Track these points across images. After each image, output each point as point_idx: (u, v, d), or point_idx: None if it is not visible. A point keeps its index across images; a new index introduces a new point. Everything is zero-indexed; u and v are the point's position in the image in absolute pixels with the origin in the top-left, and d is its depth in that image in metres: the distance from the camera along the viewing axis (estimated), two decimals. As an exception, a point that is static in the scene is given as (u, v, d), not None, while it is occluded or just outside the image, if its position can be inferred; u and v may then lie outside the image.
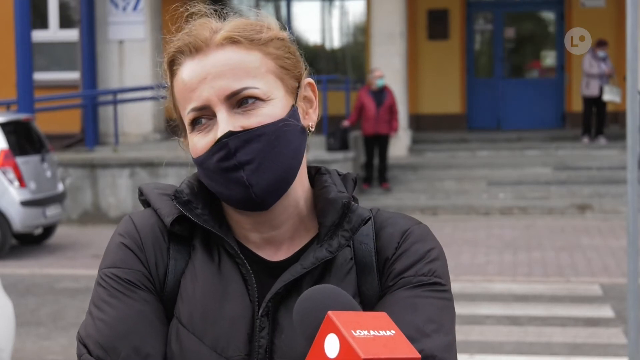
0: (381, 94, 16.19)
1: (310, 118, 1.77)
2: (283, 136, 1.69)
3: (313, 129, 1.78)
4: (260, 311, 1.69)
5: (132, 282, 1.70)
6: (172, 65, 1.75)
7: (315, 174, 1.81)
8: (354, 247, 1.75)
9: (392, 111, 16.24)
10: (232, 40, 1.71)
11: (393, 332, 1.42)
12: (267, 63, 1.71)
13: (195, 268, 1.72)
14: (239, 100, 1.69)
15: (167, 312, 1.72)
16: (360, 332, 1.40)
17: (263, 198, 1.68)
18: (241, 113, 1.68)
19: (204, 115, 1.70)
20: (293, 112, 1.72)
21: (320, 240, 1.72)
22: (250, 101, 1.69)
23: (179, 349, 1.68)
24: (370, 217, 1.75)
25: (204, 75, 1.69)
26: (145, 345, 1.67)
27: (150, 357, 1.67)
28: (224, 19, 1.76)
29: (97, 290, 1.72)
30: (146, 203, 1.80)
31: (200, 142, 1.70)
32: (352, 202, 1.75)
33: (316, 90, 1.80)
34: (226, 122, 1.67)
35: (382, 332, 1.41)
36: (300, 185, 1.75)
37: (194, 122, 1.71)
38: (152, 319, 1.69)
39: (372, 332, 1.41)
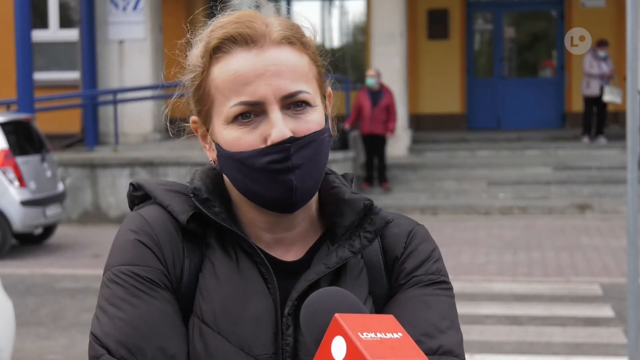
0: (378, 94, 16.19)
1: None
2: (324, 145, 1.71)
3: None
4: (287, 310, 1.68)
5: (153, 280, 1.66)
6: (217, 51, 1.69)
7: None
8: None
9: (389, 112, 16.22)
10: (289, 40, 1.69)
11: (400, 334, 1.42)
12: (312, 69, 1.73)
13: (214, 266, 1.70)
14: (292, 103, 1.67)
15: (182, 310, 1.69)
16: (367, 335, 1.39)
17: (299, 201, 1.69)
18: (291, 115, 1.67)
19: (252, 111, 1.67)
20: (328, 121, 1.75)
21: (337, 240, 1.73)
22: (302, 105, 1.68)
23: (204, 349, 1.66)
24: (392, 220, 1.77)
25: (262, 71, 1.66)
26: (170, 345, 1.64)
27: (177, 358, 1.64)
28: (268, 13, 1.74)
29: (112, 288, 1.66)
30: (140, 199, 1.76)
31: (244, 137, 1.67)
32: (374, 204, 1.76)
33: (332, 100, 1.82)
34: (282, 123, 1.65)
35: (389, 335, 1.41)
36: None
37: (238, 116, 1.67)
38: (174, 319, 1.66)
39: (379, 335, 1.40)
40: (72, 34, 18.76)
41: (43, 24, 19.41)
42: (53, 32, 19.46)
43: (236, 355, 1.65)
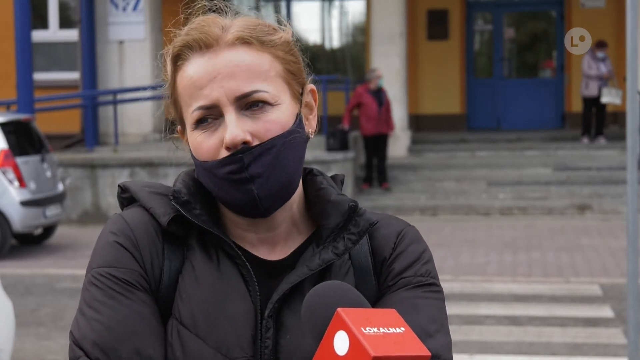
0: (380, 94, 16.22)
1: (310, 124, 1.77)
2: (290, 147, 1.68)
3: (313, 136, 1.77)
4: (267, 312, 1.67)
5: (130, 282, 1.66)
6: (177, 60, 1.72)
7: (306, 175, 1.79)
8: None
9: (388, 110, 16.34)
10: (243, 41, 1.69)
11: (403, 329, 1.42)
12: (276, 66, 1.70)
13: (194, 268, 1.69)
14: (248, 103, 1.67)
15: (161, 312, 1.68)
16: (369, 329, 1.39)
17: (268, 207, 1.68)
18: (249, 116, 1.67)
19: (210, 115, 1.67)
20: (300, 120, 1.72)
21: (322, 242, 1.72)
22: (259, 105, 1.67)
23: (181, 351, 1.65)
24: (377, 222, 1.75)
25: (214, 74, 1.67)
26: (146, 346, 1.63)
27: (153, 359, 1.63)
28: (232, 16, 1.73)
29: (90, 290, 1.66)
30: (129, 201, 1.76)
31: (205, 142, 1.68)
32: (359, 206, 1.74)
33: (317, 96, 1.79)
34: (235, 125, 1.65)
35: (391, 329, 1.41)
36: (297, 189, 1.75)
37: (199, 121, 1.68)
38: (151, 320, 1.66)
39: (381, 329, 1.40)
40: (72, 34, 18.76)
41: (43, 24, 19.41)
42: (53, 32, 19.46)
43: (213, 358, 1.64)
